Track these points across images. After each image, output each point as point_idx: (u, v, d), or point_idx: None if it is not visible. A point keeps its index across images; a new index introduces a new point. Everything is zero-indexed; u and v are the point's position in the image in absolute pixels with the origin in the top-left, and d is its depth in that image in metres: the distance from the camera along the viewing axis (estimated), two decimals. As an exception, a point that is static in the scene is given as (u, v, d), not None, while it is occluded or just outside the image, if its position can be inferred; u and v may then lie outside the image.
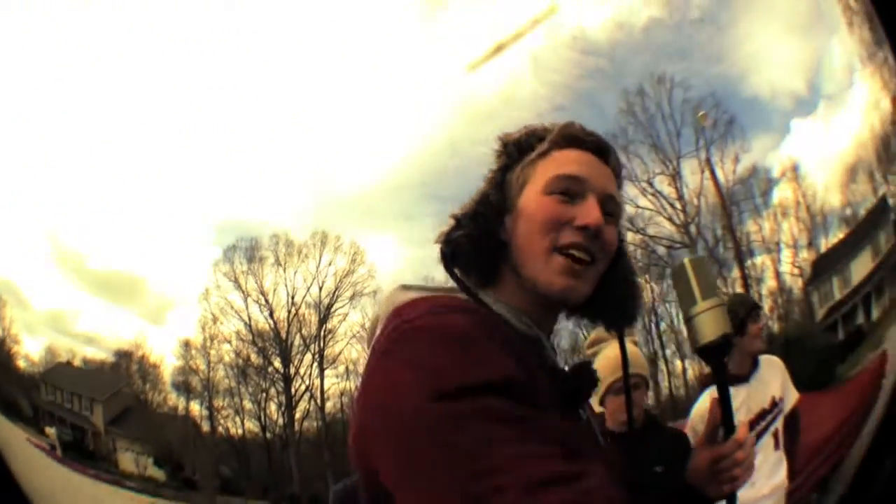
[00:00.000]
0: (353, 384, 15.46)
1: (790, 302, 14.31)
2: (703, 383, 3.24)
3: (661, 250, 14.85)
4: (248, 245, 15.10)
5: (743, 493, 2.65)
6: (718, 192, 14.60)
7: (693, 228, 14.72)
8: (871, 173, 11.61)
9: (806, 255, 14.10)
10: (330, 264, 15.40)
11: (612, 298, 1.13)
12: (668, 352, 15.27)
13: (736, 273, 14.37)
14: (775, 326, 13.32)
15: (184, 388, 15.24)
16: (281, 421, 15.74)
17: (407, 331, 0.90)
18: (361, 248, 15.27)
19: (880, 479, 1.26)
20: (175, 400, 15.26)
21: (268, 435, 15.83)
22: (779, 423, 2.98)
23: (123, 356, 14.78)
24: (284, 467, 15.67)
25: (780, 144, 15.09)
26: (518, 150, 1.14)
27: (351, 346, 15.45)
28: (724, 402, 1.13)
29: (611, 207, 1.09)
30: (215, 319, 15.34)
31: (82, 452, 13.65)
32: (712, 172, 14.60)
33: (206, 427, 15.35)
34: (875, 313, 10.80)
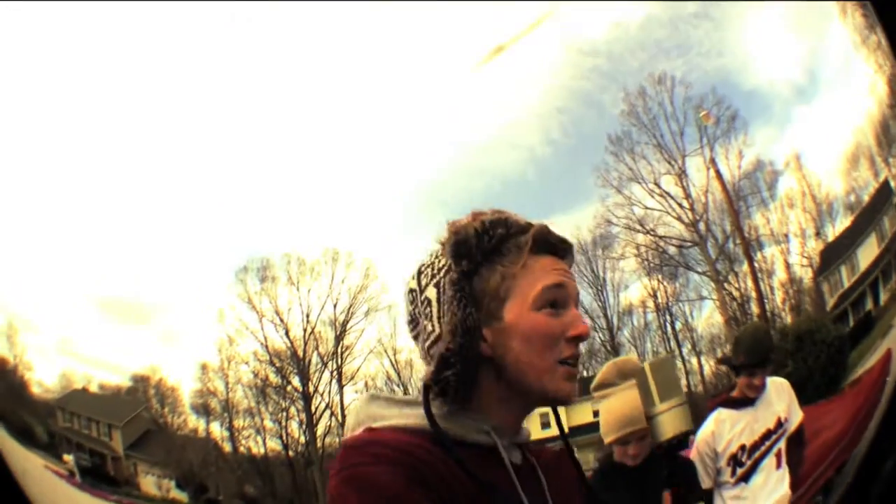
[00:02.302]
0: None
1: (801, 293, 14.37)
2: (711, 405, 3.25)
3: (672, 250, 15.24)
4: (260, 265, 15.62)
5: None
6: (724, 189, 14.78)
7: (702, 226, 14.96)
8: (871, 158, 11.62)
9: (814, 245, 14.05)
10: (343, 281, 15.85)
11: None
12: (684, 350, 15.67)
13: (746, 267, 14.50)
14: (787, 318, 13.60)
15: (203, 409, 15.34)
16: (303, 439, 15.90)
17: (349, 479, 0.97)
18: (373, 263, 15.85)
19: (881, 479, 1.25)
20: (195, 422, 15.36)
21: (290, 453, 15.92)
22: (782, 444, 3.07)
23: (140, 380, 14.88)
24: (308, 485, 15.68)
25: (783, 135, 15.11)
26: (482, 254, 1.11)
27: (368, 362, 15.95)
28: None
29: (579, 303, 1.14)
30: (231, 341, 15.62)
31: (102, 478, 13.62)
32: (716, 170, 14.89)
33: (227, 447, 15.42)
34: (883, 297, 10.80)
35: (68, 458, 12.79)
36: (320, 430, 15.92)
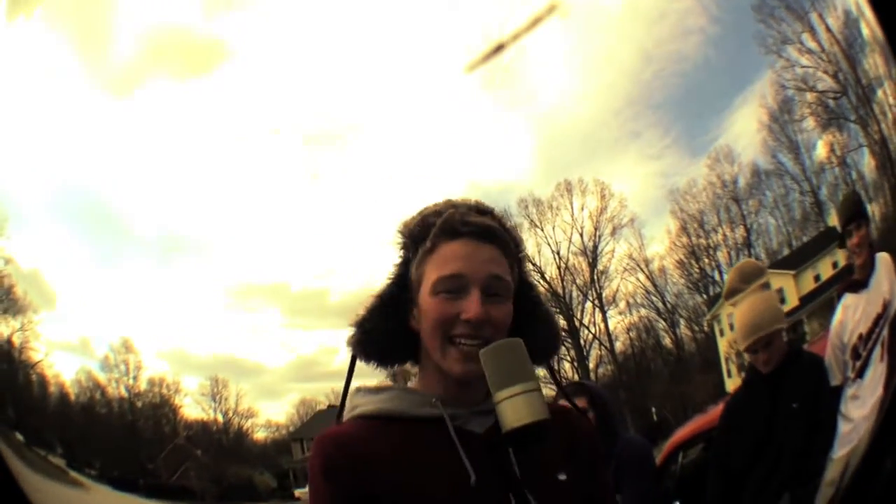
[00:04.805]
0: (636, 316, 16.45)
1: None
2: (838, 291, 2.89)
3: (831, 103, 14.58)
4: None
5: (853, 412, 2.55)
6: (834, 39, 14.33)
7: (841, 76, 14.39)
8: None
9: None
10: (583, 208, 15.93)
11: (531, 346, 1.16)
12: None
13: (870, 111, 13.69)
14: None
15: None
16: (576, 377, 16.04)
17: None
18: (606, 182, 15.87)
19: (880, 478, 1.15)
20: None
21: (563, 395, 16.57)
22: (886, 330, 2.57)
23: (399, 374, 15.13)
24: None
25: None
26: (413, 242, 1.21)
27: (625, 280, 16.21)
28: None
29: (497, 287, 1.16)
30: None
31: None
32: (825, 22, 14.30)
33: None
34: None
35: (301, 492, 12.99)
36: (592, 362, 16.32)
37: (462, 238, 1.18)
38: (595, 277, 16.27)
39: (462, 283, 1.15)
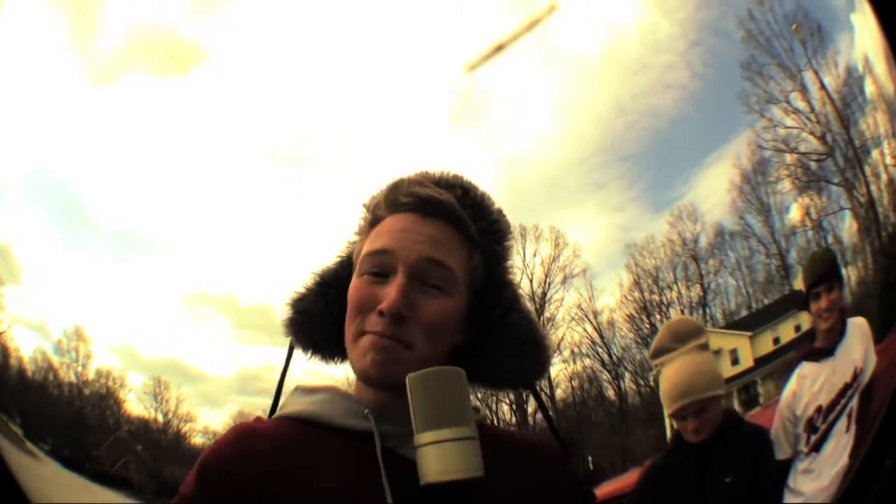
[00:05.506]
0: (580, 366, 16.29)
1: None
2: (796, 358, 2.72)
3: (813, 165, 14.92)
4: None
5: (804, 486, 2.45)
6: (829, 98, 14.62)
7: (829, 137, 14.72)
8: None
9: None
10: (535, 254, 15.73)
11: (496, 361, 1.04)
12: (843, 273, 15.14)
13: (861, 173, 14.03)
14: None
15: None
16: (514, 419, 15.96)
17: None
18: (561, 230, 15.77)
19: (880, 479, 1.14)
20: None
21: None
22: (855, 400, 2.46)
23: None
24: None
25: (853, 40, 15.01)
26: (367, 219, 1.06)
27: (572, 330, 15.99)
28: None
29: (434, 275, 0.95)
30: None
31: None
32: (820, 81, 14.63)
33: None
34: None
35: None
36: (530, 407, 15.87)
37: (404, 211, 0.99)
38: (542, 323, 16.17)
39: (388, 263, 0.95)
